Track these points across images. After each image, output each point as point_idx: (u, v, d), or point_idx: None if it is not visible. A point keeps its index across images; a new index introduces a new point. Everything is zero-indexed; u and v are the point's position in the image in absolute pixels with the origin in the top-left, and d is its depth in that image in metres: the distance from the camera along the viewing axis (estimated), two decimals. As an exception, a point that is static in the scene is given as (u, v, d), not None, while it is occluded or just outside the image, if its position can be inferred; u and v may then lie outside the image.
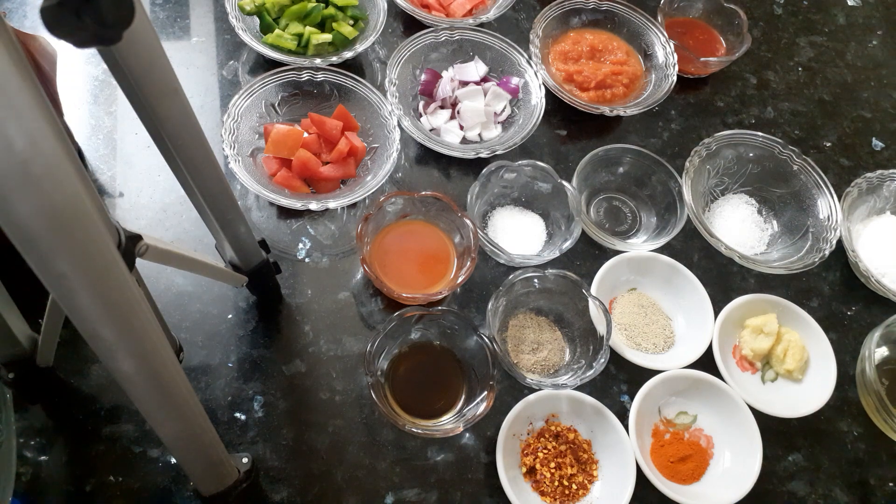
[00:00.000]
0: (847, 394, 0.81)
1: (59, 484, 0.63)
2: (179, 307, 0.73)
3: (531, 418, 0.71)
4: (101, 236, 0.32)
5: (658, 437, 0.74)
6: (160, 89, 0.42)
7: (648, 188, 0.88)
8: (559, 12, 0.97)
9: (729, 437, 0.74)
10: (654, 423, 0.75)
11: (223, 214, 0.58)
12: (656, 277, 0.82)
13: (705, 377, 0.75)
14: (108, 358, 0.37)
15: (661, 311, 0.81)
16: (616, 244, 0.82)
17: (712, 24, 1.06)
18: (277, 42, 0.86)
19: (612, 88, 0.94)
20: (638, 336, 0.79)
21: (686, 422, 0.75)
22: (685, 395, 0.76)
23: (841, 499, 0.75)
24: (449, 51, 0.92)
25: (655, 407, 0.75)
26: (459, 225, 0.77)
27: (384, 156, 0.81)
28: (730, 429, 0.74)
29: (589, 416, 0.72)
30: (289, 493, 0.66)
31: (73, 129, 0.81)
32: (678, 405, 0.76)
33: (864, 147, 1.02)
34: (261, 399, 0.70)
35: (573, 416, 0.72)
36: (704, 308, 0.79)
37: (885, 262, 0.87)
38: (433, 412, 0.70)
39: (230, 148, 0.76)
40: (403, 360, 0.72)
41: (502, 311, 0.75)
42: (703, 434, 0.75)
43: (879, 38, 1.15)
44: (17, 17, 0.88)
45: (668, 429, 0.75)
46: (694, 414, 0.76)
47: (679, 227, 0.82)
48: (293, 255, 0.78)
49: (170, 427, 0.46)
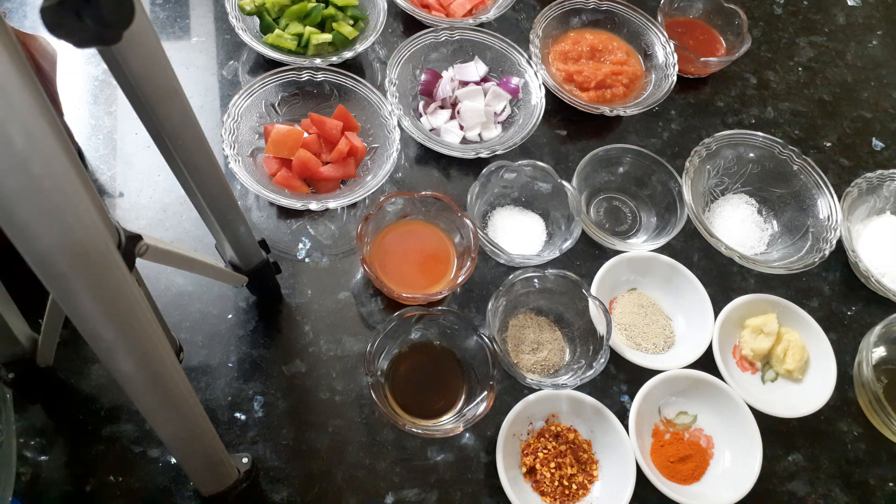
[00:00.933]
0: (847, 394, 0.81)
1: (59, 484, 0.63)
2: (179, 307, 0.73)
3: (531, 418, 0.71)
4: (101, 236, 0.32)
5: (658, 437, 0.74)
6: (160, 89, 0.42)
7: (648, 188, 0.88)
8: (559, 12, 0.97)
9: (729, 437, 0.74)
10: (655, 423, 0.75)
11: (223, 214, 0.58)
12: (656, 277, 0.82)
13: (705, 377, 0.75)
14: (108, 358, 0.37)
15: (661, 311, 0.81)
16: (616, 244, 0.82)
17: (712, 24, 1.06)
18: (277, 42, 0.86)
19: (612, 88, 0.94)
20: (638, 336, 0.79)
21: (686, 422, 0.75)
22: (685, 395, 0.76)
23: (841, 499, 0.75)
24: (449, 51, 0.92)
25: (655, 407, 0.75)
26: (459, 225, 0.77)
27: (384, 156, 0.81)
28: (730, 429, 0.74)
29: (589, 416, 0.72)
30: (289, 493, 0.66)
31: (73, 129, 0.81)
32: (678, 405, 0.76)
33: (864, 147, 1.02)
34: (261, 399, 0.70)
35: (573, 416, 0.72)
36: (704, 308, 0.79)
37: (885, 262, 0.87)
38: (433, 412, 0.70)
39: (230, 148, 0.76)
40: (403, 360, 0.72)
41: (502, 311, 0.75)
42: (703, 434, 0.75)
43: (879, 38, 1.15)
44: (17, 17, 0.88)
45: (668, 429, 0.75)
46: (694, 414, 0.76)
47: (679, 227, 0.82)
48: (293, 255, 0.78)
49: (170, 427, 0.46)
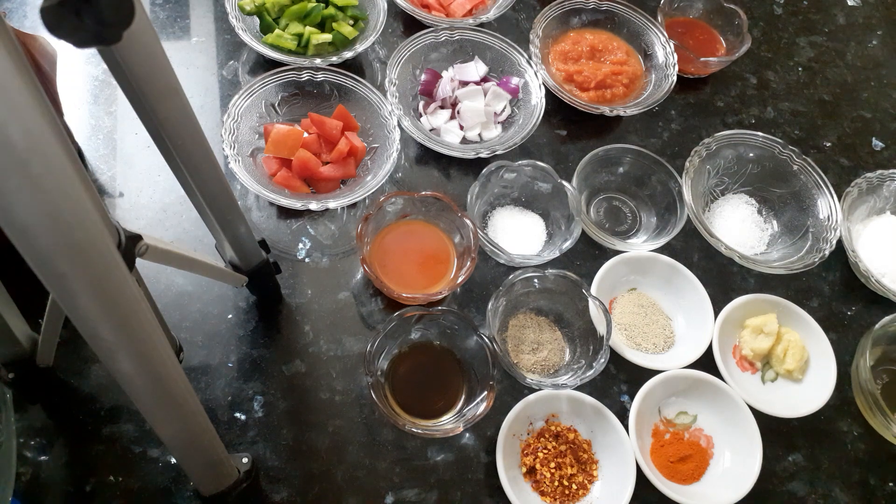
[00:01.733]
0: (847, 394, 0.81)
1: (59, 484, 0.63)
2: (179, 307, 0.73)
3: (531, 418, 0.71)
4: (101, 236, 0.32)
5: (658, 437, 0.74)
6: (160, 89, 0.42)
7: (648, 188, 0.88)
8: (559, 12, 0.97)
9: (729, 437, 0.74)
10: (654, 423, 0.75)
11: (223, 214, 0.58)
12: (656, 277, 0.82)
13: (705, 377, 0.74)
14: (108, 358, 0.37)
15: (661, 311, 0.81)
16: (616, 244, 0.82)
17: (712, 24, 1.06)
18: (277, 42, 0.86)
19: (612, 88, 0.94)
20: (638, 336, 0.79)
21: (686, 422, 0.75)
22: (685, 395, 0.75)
23: (841, 499, 0.75)
24: (449, 51, 0.92)
25: (655, 407, 0.75)
26: (459, 225, 0.77)
27: (384, 156, 0.81)
28: (730, 429, 0.74)
29: (589, 416, 0.72)
30: (289, 493, 0.66)
31: (73, 129, 0.81)
32: (678, 405, 0.76)
33: (864, 147, 1.02)
34: (261, 399, 0.70)
35: (573, 416, 0.72)
36: (704, 308, 0.79)
37: (884, 262, 0.87)
38: (433, 412, 0.70)
39: (230, 148, 0.76)
40: (403, 360, 0.72)
41: (502, 311, 0.75)
42: (703, 434, 0.75)
43: (879, 38, 1.15)
44: (17, 17, 0.88)
45: (668, 429, 0.75)
46: (694, 414, 0.76)
47: (679, 227, 0.82)
48: (293, 255, 0.78)
49: (170, 427, 0.46)
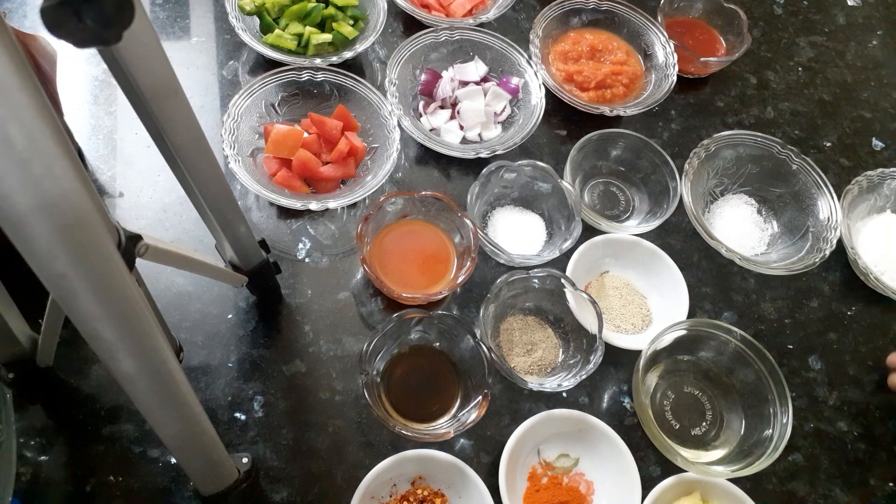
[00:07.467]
0: (847, 394, 0.81)
1: (59, 484, 0.63)
2: (179, 307, 0.73)
3: (394, 479, 0.67)
4: (101, 236, 0.32)
5: (534, 482, 0.69)
6: (160, 89, 0.42)
7: (640, 171, 0.89)
8: (559, 12, 0.97)
9: (611, 486, 0.69)
10: (532, 466, 0.70)
11: (223, 214, 0.58)
12: (625, 259, 0.82)
13: (594, 421, 0.69)
14: (108, 358, 0.37)
15: (635, 291, 0.81)
16: (611, 228, 0.83)
17: (712, 24, 1.06)
18: (277, 42, 0.86)
19: (612, 88, 0.94)
20: (616, 318, 0.79)
21: (567, 465, 0.70)
22: (567, 437, 0.70)
23: (841, 499, 0.75)
24: (449, 51, 0.92)
25: (535, 448, 0.70)
26: (459, 225, 0.77)
27: (384, 156, 0.81)
28: (614, 478, 0.69)
29: (448, 474, 0.66)
30: (289, 493, 0.66)
31: (73, 129, 0.81)
32: (560, 447, 0.71)
33: (864, 147, 1.02)
34: (261, 399, 0.70)
35: (436, 477, 0.67)
36: (675, 280, 0.79)
37: (884, 260, 0.87)
38: (428, 416, 0.70)
39: (230, 148, 0.76)
40: (400, 362, 0.72)
41: (492, 317, 0.75)
42: (584, 479, 0.70)
43: (879, 38, 1.15)
44: (17, 17, 0.88)
45: (546, 472, 0.70)
46: (576, 457, 0.71)
47: (672, 209, 0.83)
48: (293, 255, 0.78)
49: (170, 427, 0.46)
